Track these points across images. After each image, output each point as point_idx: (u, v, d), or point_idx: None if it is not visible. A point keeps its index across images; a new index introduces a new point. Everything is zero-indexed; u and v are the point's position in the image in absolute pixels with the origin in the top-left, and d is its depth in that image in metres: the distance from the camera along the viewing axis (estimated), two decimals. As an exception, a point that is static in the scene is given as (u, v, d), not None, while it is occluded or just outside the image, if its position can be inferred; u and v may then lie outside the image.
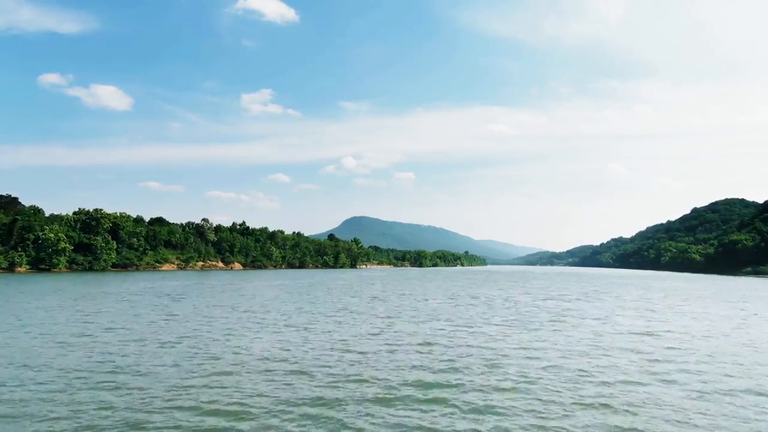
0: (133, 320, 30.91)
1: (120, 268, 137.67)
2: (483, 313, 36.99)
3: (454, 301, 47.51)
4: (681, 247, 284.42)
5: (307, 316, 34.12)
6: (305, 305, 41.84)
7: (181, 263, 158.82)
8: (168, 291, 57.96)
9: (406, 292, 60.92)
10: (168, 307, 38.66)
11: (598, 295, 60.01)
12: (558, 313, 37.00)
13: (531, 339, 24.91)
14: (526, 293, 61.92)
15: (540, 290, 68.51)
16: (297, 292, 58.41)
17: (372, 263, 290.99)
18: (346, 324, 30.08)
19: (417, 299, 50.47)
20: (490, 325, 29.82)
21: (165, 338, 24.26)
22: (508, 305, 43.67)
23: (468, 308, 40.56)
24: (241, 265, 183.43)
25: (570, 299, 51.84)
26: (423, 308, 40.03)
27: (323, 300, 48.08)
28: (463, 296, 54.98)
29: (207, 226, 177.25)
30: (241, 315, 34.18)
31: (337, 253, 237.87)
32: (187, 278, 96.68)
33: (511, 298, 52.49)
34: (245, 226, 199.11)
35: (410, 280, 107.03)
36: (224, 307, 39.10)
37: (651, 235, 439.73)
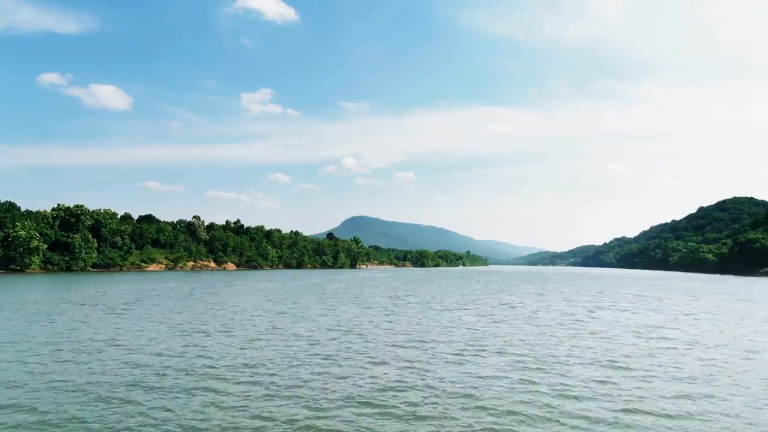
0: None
1: (101, 269, 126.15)
2: (542, 336, 25.55)
3: (489, 315, 35.96)
4: (691, 247, 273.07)
5: (278, 344, 22.67)
6: (285, 322, 30.42)
7: (169, 263, 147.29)
8: (126, 297, 46.46)
9: (420, 299, 49.50)
10: (83, 323, 27.23)
11: (647, 301, 48.61)
12: (651, 336, 25.58)
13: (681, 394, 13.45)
14: (565, 300, 50.50)
15: (573, 295, 57.20)
16: (283, 299, 47.01)
17: (372, 263, 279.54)
18: (344, 364, 18.62)
19: (437, 310, 39.02)
20: (583, 365, 18.31)
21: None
22: (564, 321, 32.23)
23: (514, 327, 29.13)
24: (234, 266, 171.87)
25: (629, 308, 40.46)
26: (457, 330, 28.43)
27: (313, 312, 36.57)
28: (492, 305, 43.53)
29: (198, 223, 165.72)
30: (173, 345, 22.72)
31: (337, 252, 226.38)
32: (168, 280, 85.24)
33: (554, 307, 41.10)
34: (240, 224, 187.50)
35: (417, 282, 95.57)
36: (166, 325, 27.69)
37: (656, 234, 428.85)
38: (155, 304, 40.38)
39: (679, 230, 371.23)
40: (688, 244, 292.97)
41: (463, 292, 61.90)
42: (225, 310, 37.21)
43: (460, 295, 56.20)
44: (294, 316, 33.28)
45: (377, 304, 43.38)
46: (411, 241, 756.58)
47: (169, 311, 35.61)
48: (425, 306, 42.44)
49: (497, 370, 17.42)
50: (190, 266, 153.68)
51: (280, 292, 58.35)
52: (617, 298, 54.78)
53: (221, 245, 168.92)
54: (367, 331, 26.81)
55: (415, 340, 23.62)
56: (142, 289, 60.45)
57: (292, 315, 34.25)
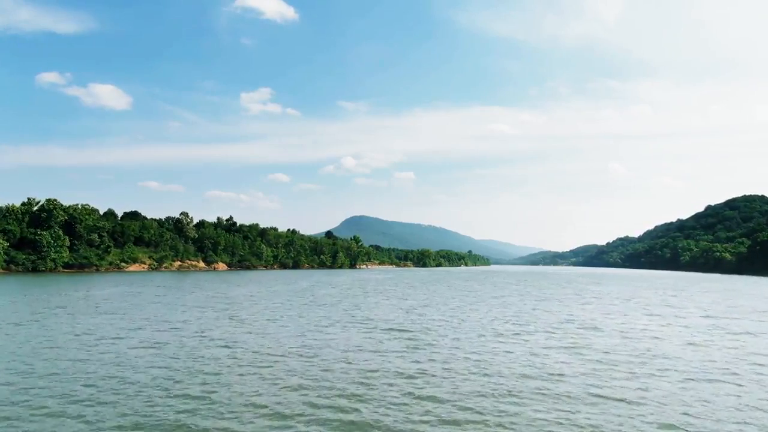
0: None
1: (75, 269, 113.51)
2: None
3: (586, 349, 23.38)
4: (704, 246, 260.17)
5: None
6: (231, 364, 17.85)
7: (153, 263, 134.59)
8: (57, 303, 33.88)
9: (449, 315, 36.93)
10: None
11: (710, 308, 36.04)
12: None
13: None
14: (652, 313, 37.91)
15: (642, 302, 44.70)
16: (258, 311, 34.48)
17: (373, 263, 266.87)
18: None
19: (467, 326, 26.44)
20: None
21: None
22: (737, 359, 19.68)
23: (604, 366, 16.59)
24: (226, 266, 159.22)
25: (703, 322, 27.96)
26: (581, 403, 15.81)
27: (290, 334, 23.97)
28: (544, 321, 30.94)
29: (186, 220, 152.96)
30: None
31: (335, 252, 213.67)
32: (142, 282, 72.66)
33: (673, 330, 28.55)
34: (232, 221, 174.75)
35: (426, 284, 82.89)
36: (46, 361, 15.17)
37: (662, 234, 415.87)
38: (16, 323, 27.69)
39: (687, 229, 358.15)
40: (699, 243, 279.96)
41: (496, 302, 49.27)
42: (118, 341, 24.58)
43: (498, 307, 43.53)
44: (280, 353, 20.62)
45: (392, 328, 30.67)
46: (411, 241, 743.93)
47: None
48: (449, 325, 29.77)
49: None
50: (177, 266, 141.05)
51: (254, 301, 45.72)
52: (712, 305, 42.16)
53: (211, 244, 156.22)
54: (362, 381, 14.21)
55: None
56: (101, 294, 47.83)
57: (280, 345, 21.61)
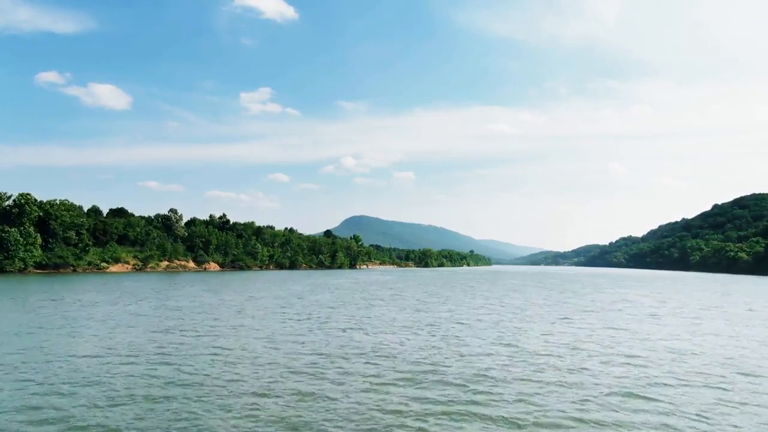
0: None
1: (49, 270, 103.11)
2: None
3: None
4: (716, 246, 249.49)
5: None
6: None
7: (138, 263, 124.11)
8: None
9: (483, 332, 26.54)
10: None
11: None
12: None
13: None
14: (715, 323, 27.55)
15: (686, 311, 34.40)
16: (207, 332, 24.09)
17: (374, 263, 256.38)
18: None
19: (541, 362, 16.01)
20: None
21: None
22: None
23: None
24: (218, 266, 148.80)
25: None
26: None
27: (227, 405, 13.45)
28: (642, 350, 20.53)
29: (175, 217, 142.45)
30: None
31: (335, 251, 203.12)
32: (102, 285, 62.26)
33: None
34: (225, 219, 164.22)
35: (437, 286, 72.33)
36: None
37: (667, 233, 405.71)
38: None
39: (695, 229, 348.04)
40: (710, 242, 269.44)
41: (547, 314, 38.88)
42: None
43: (561, 324, 33.14)
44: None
45: (427, 376, 20.21)
46: (412, 241, 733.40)
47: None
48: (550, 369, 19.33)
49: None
50: (164, 266, 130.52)
51: (214, 316, 35.32)
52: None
53: (202, 243, 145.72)
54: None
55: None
56: (31, 302, 37.39)
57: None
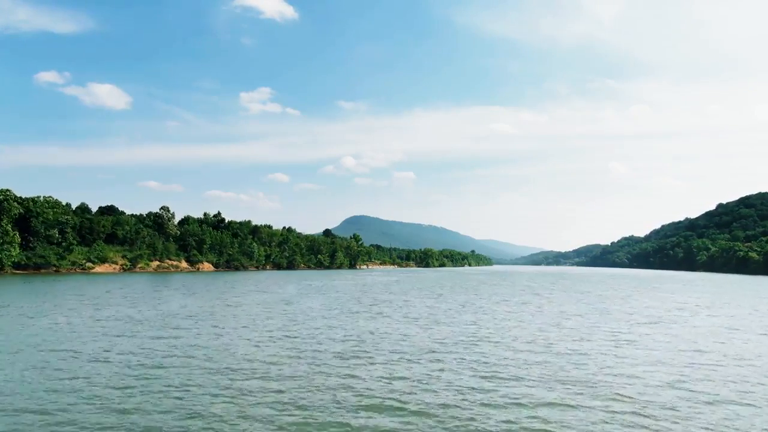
0: None
1: (29, 270, 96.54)
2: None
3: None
4: (724, 245, 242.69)
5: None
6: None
7: (126, 263, 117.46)
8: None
9: (516, 355, 19.87)
10: None
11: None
12: None
13: None
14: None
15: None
16: (136, 361, 17.49)
17: (374, 263, 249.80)
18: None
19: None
20: None
21: None
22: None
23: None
24: (212, 266, 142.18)
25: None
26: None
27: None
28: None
29: (167, 215, 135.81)
30: None
31: (334, 251, 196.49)
32: (82, 288, 55.69)
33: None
34: (220, 217, 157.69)
35: (445, 288, 65.70)
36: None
37: (671, 233, 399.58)
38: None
39: (699, 228, 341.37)
40: (717, 242, 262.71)
41: (577, 321, 32.26)
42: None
43: (602, 337, 26.53)
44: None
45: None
46: (412, 241, 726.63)
47: None
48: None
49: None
50: (155, 267, 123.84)
51: (174, 334, 28.71)
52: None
53: (196, 242, 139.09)
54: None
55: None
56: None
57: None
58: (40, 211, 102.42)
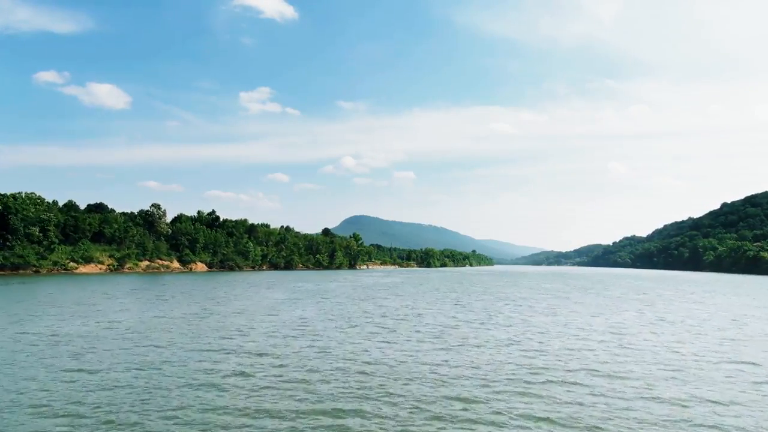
0: None
1: (6, 271, 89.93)
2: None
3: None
4: (732, 245, 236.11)
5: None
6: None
7: (113, 263, 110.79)
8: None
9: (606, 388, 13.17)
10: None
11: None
12: None
13: None
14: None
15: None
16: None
17: (374, 263, 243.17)
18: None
19: None
20: None
21: None
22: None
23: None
24: (206, 266, 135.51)
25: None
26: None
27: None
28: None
29: (158, 213, 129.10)
30: None
31: (333, 250, 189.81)
32: (46, 291, 49.08)
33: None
34: (214, 215, 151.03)
35: (456, 292, 59.05)
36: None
37: (674, 233, 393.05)
38: None
39: (704, 228, 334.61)
40: (725, 242, 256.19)
41: (643, 338, 25.65)
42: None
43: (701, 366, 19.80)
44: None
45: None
46: (413, 241, 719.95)
47: None
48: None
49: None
50: (144, 267, 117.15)
51: (93, 365, 21.84)
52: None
53: (188, 241, 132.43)
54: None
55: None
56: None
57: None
58: (19, 207, 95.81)
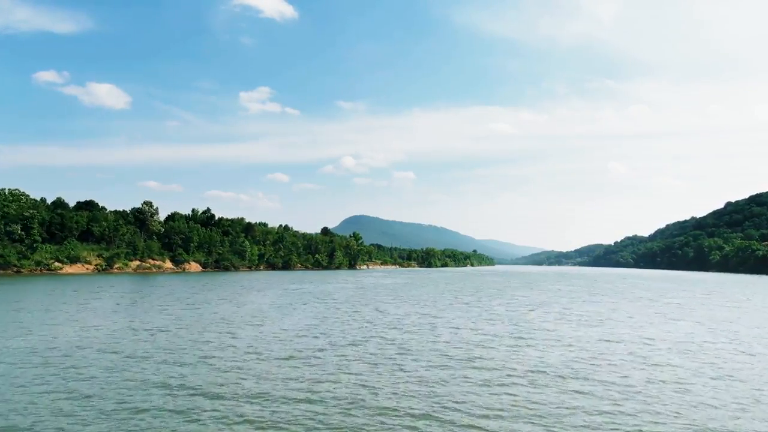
0: None
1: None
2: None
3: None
4: (740, 245, 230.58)
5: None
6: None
7: (101, 263, 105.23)
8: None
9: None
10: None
11: None
12: None
13: None
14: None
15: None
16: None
17: (375, 263, 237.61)
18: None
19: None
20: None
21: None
22: None
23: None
24: (200, 266, 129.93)
25: None
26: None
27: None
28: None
29: (150, 211, 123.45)
30: None
31: (332, 250, 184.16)
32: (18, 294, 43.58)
33: None
34: (209, 214, 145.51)
35: (469, 295, 53.45)
36: None
37: (677, 232, 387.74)
38: None
39: (708, 227, 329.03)
40: (732, 241, 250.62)
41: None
42: None
43: None
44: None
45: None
46: (412, 241, 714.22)
47: None
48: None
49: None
50: (134, 267, 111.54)
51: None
52: None
53: (182, 240, 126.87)
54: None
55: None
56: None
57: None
58: (0, 204, 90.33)
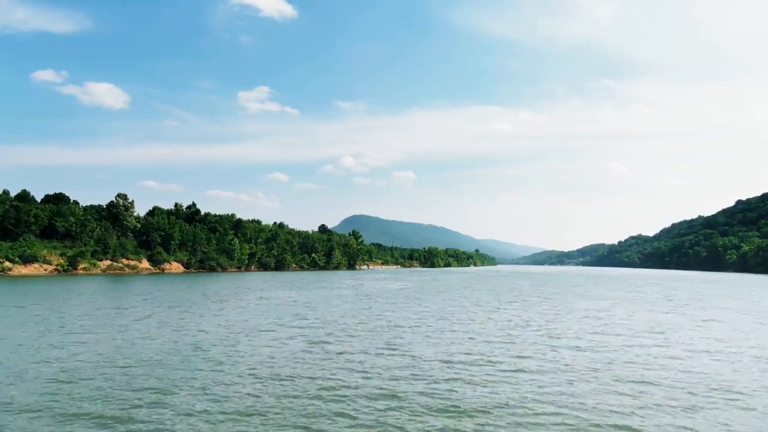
0: None
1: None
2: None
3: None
4: (760, 243, 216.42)
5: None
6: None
7: (62, 263, 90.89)
8: None
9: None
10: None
11: None
12: None
13: None
14: None
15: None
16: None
17: (375, 263, 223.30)
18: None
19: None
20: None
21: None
22: None
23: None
24: (182, 266, 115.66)
25: None
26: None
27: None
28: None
29: (125, 204, 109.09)
30: None
31: (330, 249, 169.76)
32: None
33: None
34: (194, 209, 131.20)
35: (498, 302, 39.09)
36: None
37: (685, 231, 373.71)
38: None
39: (719, 226, 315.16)
40: (751, 240, 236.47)
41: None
42: None
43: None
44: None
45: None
46: (413, 240, 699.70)
47: None
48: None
49: None
50: (104, 267, 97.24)
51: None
52: None
53: (161, 237, 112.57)
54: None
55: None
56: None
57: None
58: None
